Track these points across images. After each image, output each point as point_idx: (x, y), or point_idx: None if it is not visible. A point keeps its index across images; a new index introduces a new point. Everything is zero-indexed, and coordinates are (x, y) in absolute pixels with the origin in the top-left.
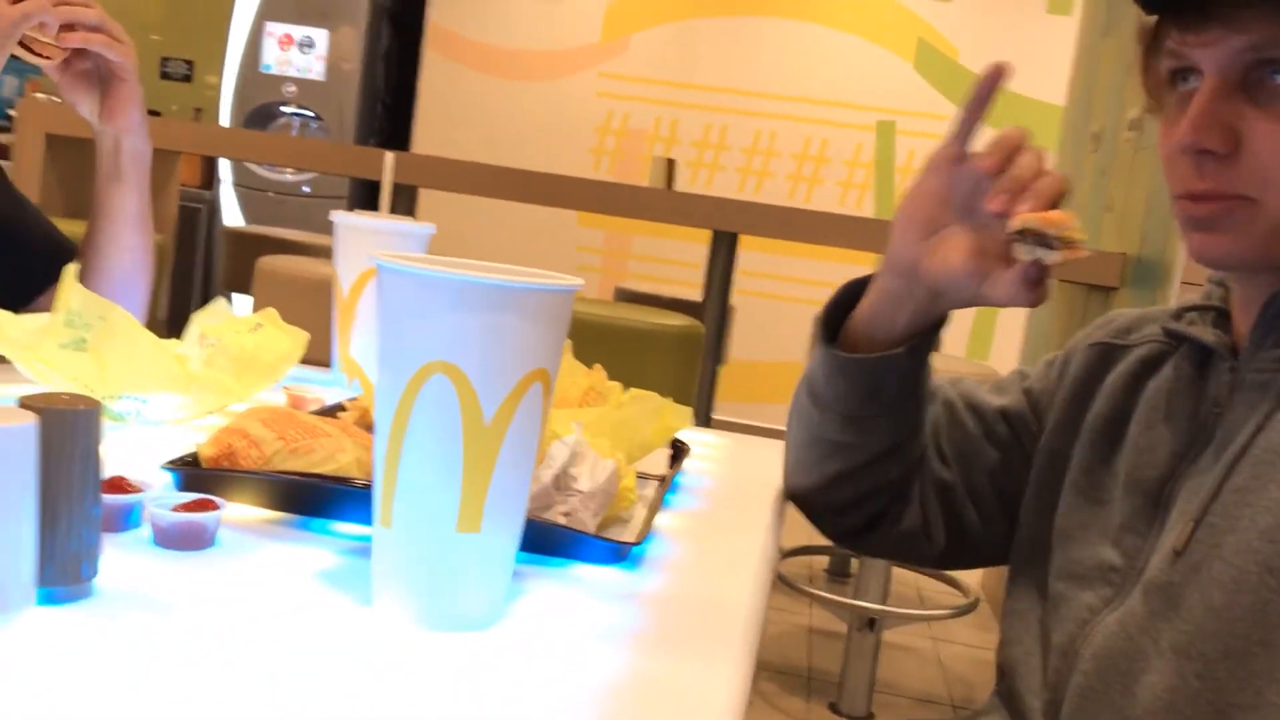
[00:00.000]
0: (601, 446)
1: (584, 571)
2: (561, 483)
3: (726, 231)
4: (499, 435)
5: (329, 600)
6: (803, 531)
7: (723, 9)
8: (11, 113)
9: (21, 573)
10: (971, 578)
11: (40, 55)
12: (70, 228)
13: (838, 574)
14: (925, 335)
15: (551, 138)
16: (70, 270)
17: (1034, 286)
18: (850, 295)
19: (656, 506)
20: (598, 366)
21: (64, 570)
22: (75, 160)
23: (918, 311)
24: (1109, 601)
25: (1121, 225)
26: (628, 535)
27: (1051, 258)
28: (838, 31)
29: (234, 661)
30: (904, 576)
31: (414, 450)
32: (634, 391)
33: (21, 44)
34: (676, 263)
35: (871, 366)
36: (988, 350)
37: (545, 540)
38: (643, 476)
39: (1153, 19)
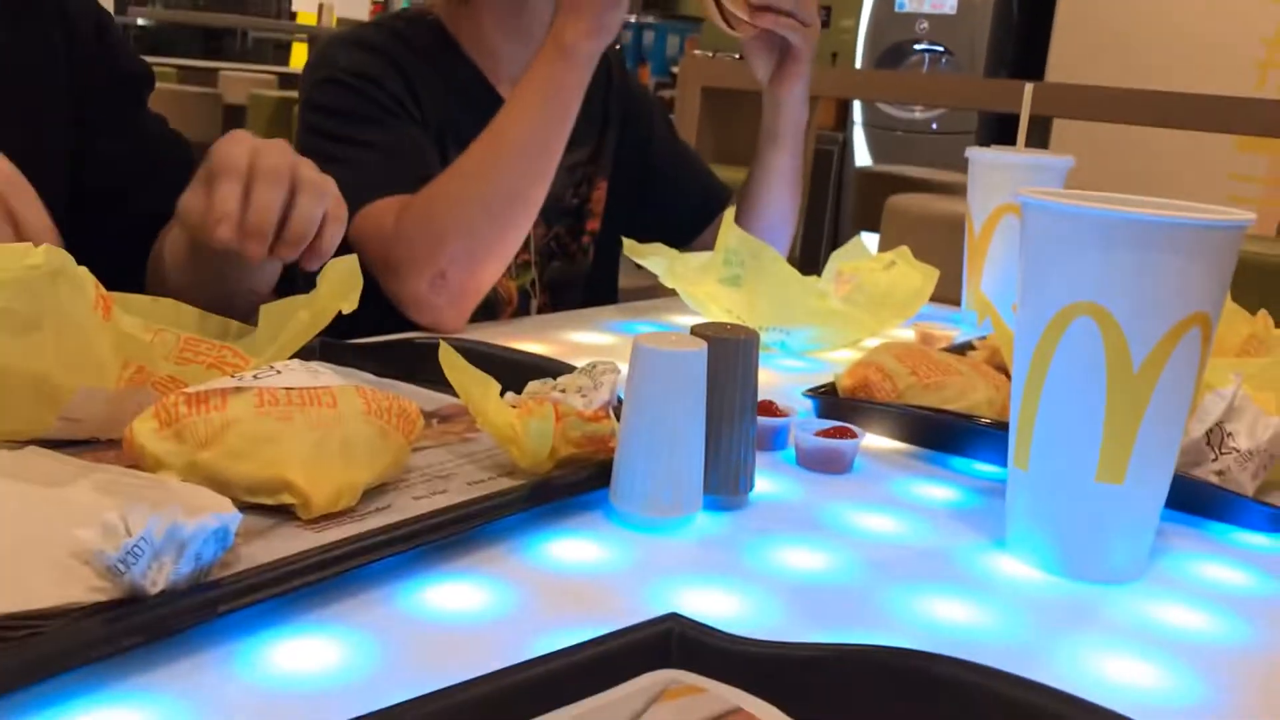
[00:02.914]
0: (1265, 401)
1: (1236, 537)
2: (1215, 439)
3: None
4: (1148, 384)
5: (962, 535)
6: None
7: None
8: (674, 69)
9: (695, 479)
10: None
11: (734, 29)
12: (722, 173)
13: None
14: None
15: (1206, 55)
16: (729, 213)
17: None
18: None
19: None
20: (1263, 312)
21: (726, 481)
22: (728, 112)
23: None
24: None
25: None
26: None
27: None
28: None
29: (875, 581)
30: None
31: (1054, 394)
32: None
33: (722, 14)
34: None
35: None
36: None
37: (1193, 499)
38: None
39: None
